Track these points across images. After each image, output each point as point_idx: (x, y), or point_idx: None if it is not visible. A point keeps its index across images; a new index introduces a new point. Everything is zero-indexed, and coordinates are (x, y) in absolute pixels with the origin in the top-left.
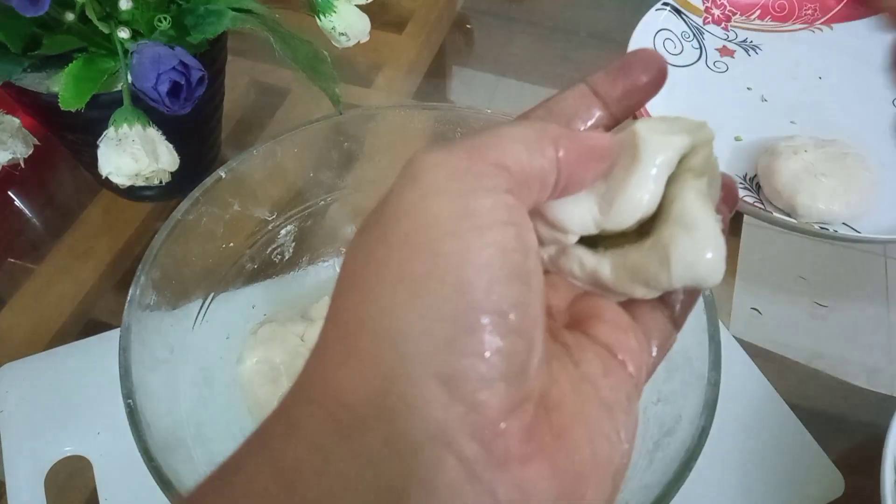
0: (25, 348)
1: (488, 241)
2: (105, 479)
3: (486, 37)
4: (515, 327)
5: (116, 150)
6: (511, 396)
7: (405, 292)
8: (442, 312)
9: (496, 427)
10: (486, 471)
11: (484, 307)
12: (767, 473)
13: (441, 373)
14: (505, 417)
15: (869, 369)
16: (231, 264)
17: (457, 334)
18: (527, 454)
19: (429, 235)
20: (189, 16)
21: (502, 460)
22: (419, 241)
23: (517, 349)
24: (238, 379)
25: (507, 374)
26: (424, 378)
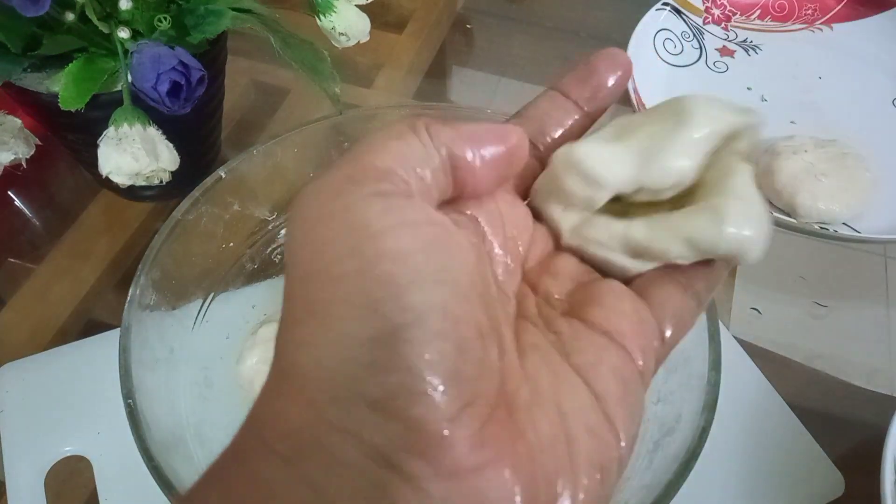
0: (25, 348)
1: (383, 249)
2: (105, 479)
3: (486, 37)
4: (437, 332)
5: (117, 149)
6: (449, 405)
7: (315, 323)
8: (356, 334)
9: (438, 439)
10: (435, 485)
11: (397, 319)
12: (767, 473)
13: (368, 395)
14: (446, 427)
15: (869, 369)
16: (231, 264)
17: (376, 353)
18: (480, 462)
19: (322, 261)
20: (189, 16)
21: (452, 471)
22: (314, 269)
23: (445, 354)
24: (238, 379)
25: (438, 384)
26: (351, 402)
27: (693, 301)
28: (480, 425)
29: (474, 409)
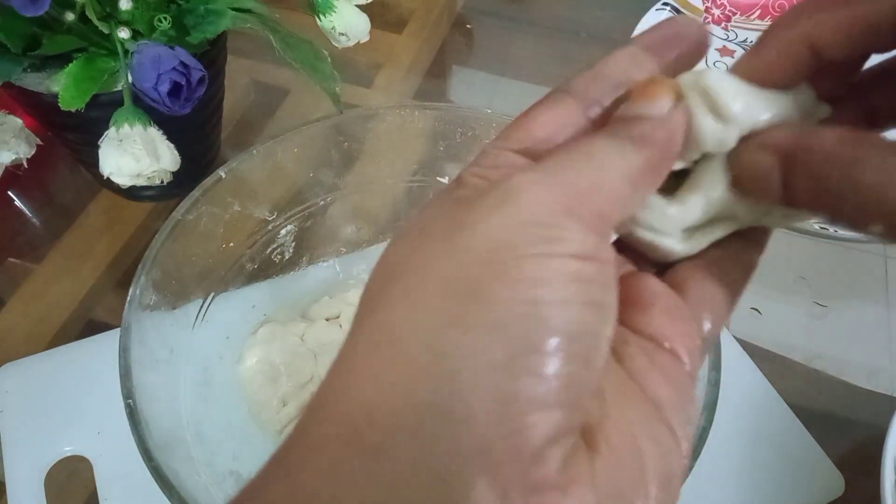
0: (25, 348)
1: (567, 269)
2: (105, 479)
3: (486, 37)
4: (582, 355)
5: (118, 150)
6: (560, 425)
7: (472, 307)
8: (508, 329)
9: (537, 453)
10: (519, 496)
11: (553, 328)
12: (767, 473)
13: (495, 388)
14: (548, 445)
15: (869, 369)
16: (231, 264)
17: (520, 353)
18: (564, 482)
19: (508, 255)
20: (189, 16)
21: (538, 488)
22: (497, 259)
23: (579, 378)
24: (238, 379)
25: (563, 402)
26: (474, 393)
27: (728, 293)
28: (571, 449)
29: (571, 435)
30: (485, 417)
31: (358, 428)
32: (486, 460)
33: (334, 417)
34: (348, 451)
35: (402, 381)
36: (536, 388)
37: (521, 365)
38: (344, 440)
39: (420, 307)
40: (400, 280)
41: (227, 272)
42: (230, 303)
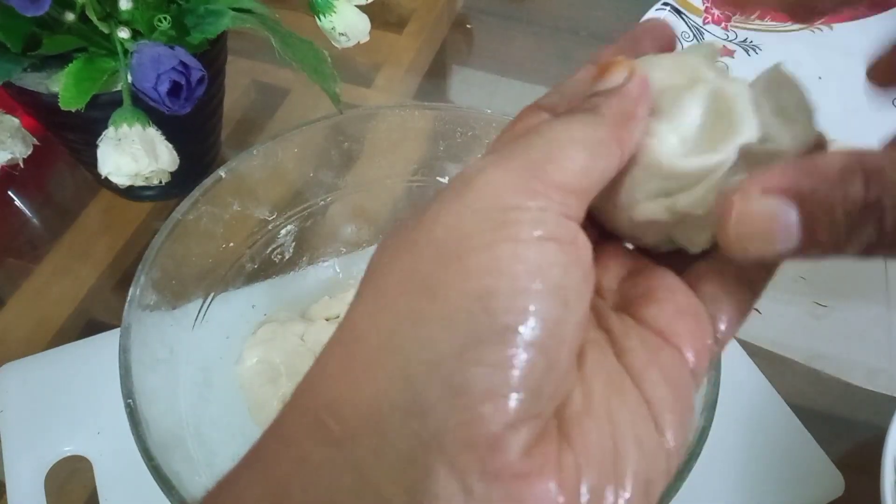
0: (25, 348)
1: (522, 255)
2: (105, 479)
3: (486, 37)
4: (538, 343)
5: (116, 149)
6: (518, 412)
7: (424, 300)
8: (458, 321)
9: (494, 440)
10: (479, 484)
11: (505, 318)
12: (767, 473)
13: (446, 379)
14: (505, 432)
15: (869, 369)
16: (231, 264)
17: (472, 343)
18: (527, 470)
19: (460, 246)
20: (189, 15)
21: (498, 475)
22: (448, 251)
23: (535, 366)
24: (238, 379)
25: (518, 391)
26: (426, 383)
27: (747, 293)
28: (537, 435)
29: (534, 422)
30: (439, 408)
31: (324, 421)
32: (442, 449)
33: (304, 413)
34: (315, 442)
35: (364, 377)
36: (487, 377)
37: (471, 356)
38: (311, 433)
39: (380, 304)
40: (370, 279)
41: (227, 272)
42: (230, 303)
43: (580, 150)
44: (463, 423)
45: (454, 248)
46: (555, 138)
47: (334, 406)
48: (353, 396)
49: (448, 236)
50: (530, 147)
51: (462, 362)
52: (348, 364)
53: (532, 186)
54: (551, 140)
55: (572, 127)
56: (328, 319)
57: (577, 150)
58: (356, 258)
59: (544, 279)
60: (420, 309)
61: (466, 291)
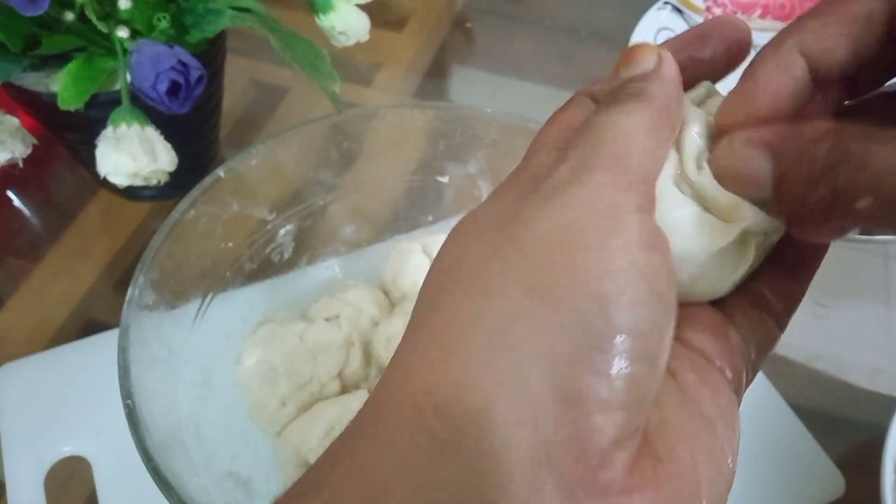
0: (25, 348)
1: (634, 261)
2: (105, 479)
3: (486, 36)
4: (647, 354)
5: (115, 149)
6: (625, 427)
7: (536, 298)
8: (573, 324)
9: (603, 455)
10: (585, 499)
11: (620, 326)
12: (767, 473)
13: (560, 387)
14: (614, 447)
15: (869, 369)
16: (230, 264)
17: (585, 350)
18: (629, 486)
19: (571, 246)
20: (188, 15)
21: (604, 491)
22: (559, 250)
23: (643, 377)
24: (237, 379)
25: (628, 403)
26: (540, 390)
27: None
28: (638, 451)
29: (636, 437)
30: (551, 417)
31: (426, 421)
32: (552, 461)
33: (400, 410)
34: (418, 444)
35: (473, 376)
36: (601, 388)
37: (586, 363)
38: (412, 432)
39: (485, 300)
40: (461, 276)
41: (226, 272)
42: (229, 303)
43: (647, 137)
44: (574, 435)
45: (565, 247)
46: (621, 128)
47: (439, 406)
48: (461, 396)
49: (556, 234)
50: (605, 140)
51: (577, 369)
52: (452, 361)
53: (623, 181)
54: (619, 131)
55: (632, 114)
56: (327, 319)
57: (644, 136)
58: (356, 258)
59: (654, 286)
60: (532, 308)
61: (583, 293)
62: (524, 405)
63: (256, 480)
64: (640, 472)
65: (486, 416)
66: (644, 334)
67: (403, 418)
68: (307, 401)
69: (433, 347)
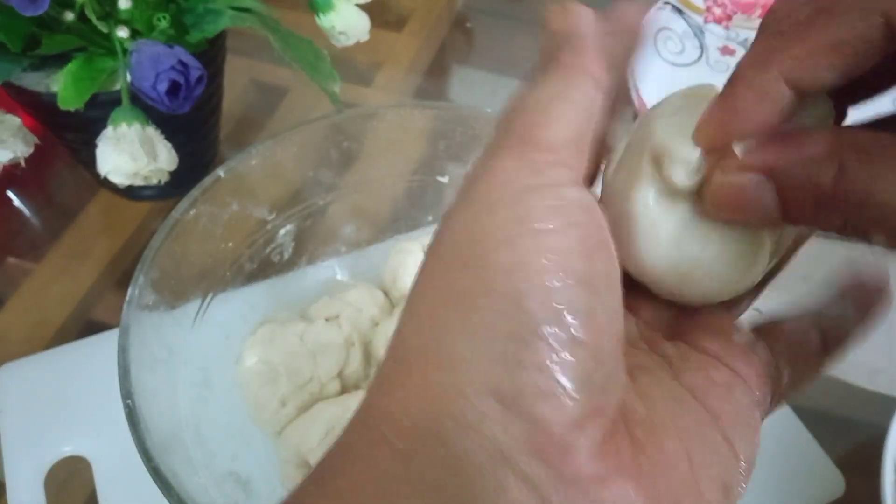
0: (25, 348)
1: (544, 245)
2: (104, 479)
3: (486, 36)
4: (577, 337)
5: (115, 149)
6: (576, 411)
7: (456, 311)
8: (494, 326)
9: (561, 444)
10: (554, 492)
11: (539, 317)
12: (767, 473)
13: (496, 389)
14: (570, 433)
15: (869, 369)
16: (230, 264)
17: (511, 347)
18: (602, 473)
19: (480, 248)
20: (188, 14)
21: (573, 480)
22: (469, 255)
23: (580, 360)
24: (237, 379)
25: (570, 388)
26: (478, 396)
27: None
28: (603, 436)
29: (599, 420)
30: (498, 419)
31: (386, 437)
32: (510, 461)
33: (367, 429)
34: (380, 458)
35: (420, 395)
36: (535, 379)
37: (514, 360)
38: (376, 448)
39: (424, 319)
40: (414, 292)
41: (226, 272)
42: (229, 303)
43: (558, 104)
44: (525, 431)
45: (477, 250)
46: (531, 104)
47: (394, 421)
48: (413, 412)
49: (469, 238)
50: (513, 122)
51: (507, 368)
52: (403, 381)
53: (533, 159)
54: (528, 107)
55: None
56: (327, 319)
57: (554, 104)
58: (356, 258)
59: (570, 270)
60: (459, 320)
61: (499, 294)
62: (468, 413)
63: (256, 480)
64: (614, 457)
65: (438, 428)
66: (567, 319)
67: (368, 437)
68: (307, 401)
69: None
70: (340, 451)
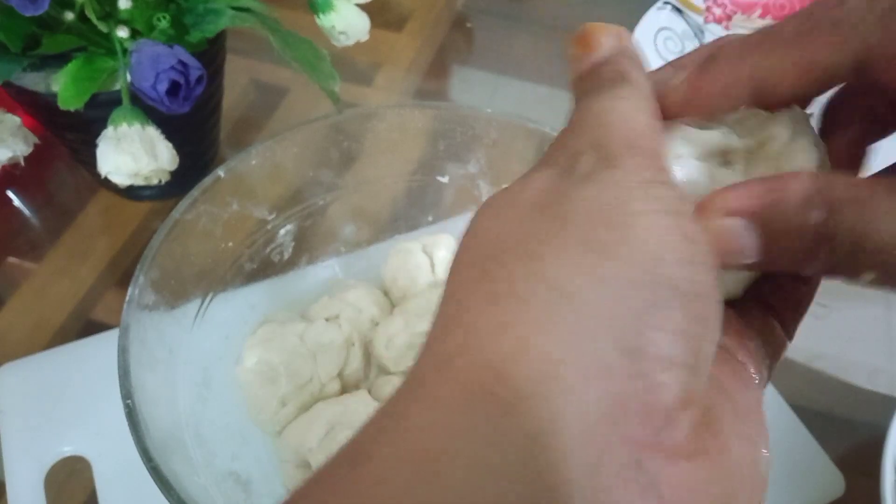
0: (25, 348)
1: (675, 225)
2: (104, 479)
3: (486, 36)
4: (701, 315)
5: (116, 149)
6: (688, 387)
7: (595, 257)
8: (633, 280)
9: (670, 414)
10: (652, 461)
11: (675, 284)
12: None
13: (625, 342)
14: (679, 407)
15: (869, 369)
16: (230, 264)
17: (646, 305)
18: (694, 451)
19: (620, 209)
20: (188, 14)
21: (670, 452)
22: (610, 212)
23: (699, 335)
24: (237, 379)
25: (688, 361)
26: (606, 346)
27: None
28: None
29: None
30: (619, 372)
31: (487, 386)
32: (620, 419)
33: (454, 374)
34: (478, 410)
35: (536, 336)
36: (663, 343)
37: (648, 318)
38: (471, 399)
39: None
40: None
41: (226, 272)
42: (229, 303)
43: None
44: (642, 390)
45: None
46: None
47: (497, 370)
48: (524, 358)
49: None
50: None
51: (640, 324)
52: (512, 323)
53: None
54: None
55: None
56: (327, 319)
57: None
58: (356, 258)
59: (695, 248)
60: (591, 266)
61: (643, 252)
62: (592, 362)
63: (256, 480)
64: (701, 440)
65: (552, 377)
66: (695, 295)
67: (459, 386)
68: (307, 401)
69: (488, 313)
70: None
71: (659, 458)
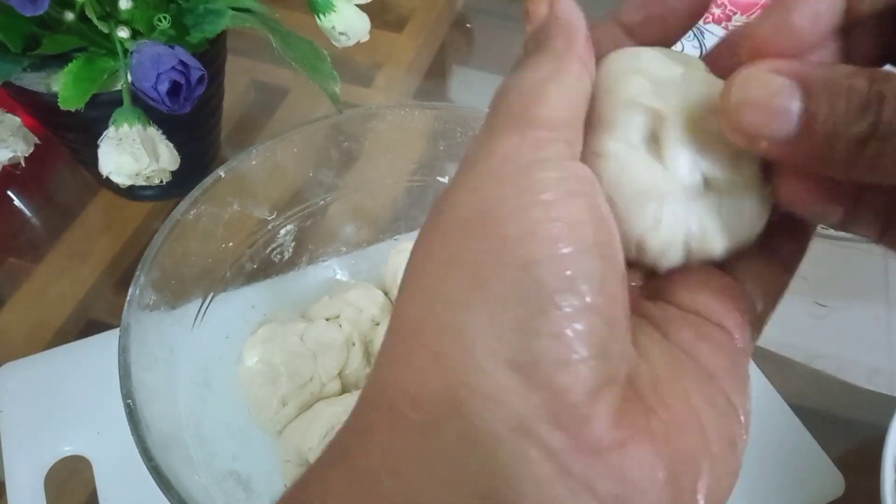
0: (25, 348)
1: (554, 215)
2: (105, 479)
3: (486, 36)
4: (591, 305)
5: (117, 149)
6: (592, 379)
7: (467, 280)
8: (508, 296)
9: (580, 413)
10: (576, 462)
11: (554, 285)
12: (767, 473)
13: (513, 359)
14: (589, 401)
15: (869, 369)
16: (230, 264)
17: (526, 316)
18: (620, 440)
19: (488, 218)
20: (188, 15)
21: (594, 449)
22: (475, 228)
23: (594, 327)
24: (238, 379)
25: (586, 356)
26: (495, 367)
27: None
28: (618, 403)
29: (613, 388)
30: (516, 389)
31: (403, 411)
32: (527, 430)
33: (378, 406)
34: (398, 433)
35: (433, 368)
36: (553, 348)
37: (531, 330)
38: (392, 424)
39: (430, 293)
40: (414, 268)
41: (227, 272)
42: (230, 303)
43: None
44: (545, 400)
45: (484, 222)
46: (527, 86)
47: (410, 395)
48: (428, 385)
49: (474, 211)
50: (511, 102)
51: (524, 338)
52: (413, 356)
53: (535, 136)
54: (525, 88)
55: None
56: (328, 319)
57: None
58: (356, 258)
59: (580, 238)
60: (469, 291)
61: (510, 264)
62: (485, 384)
63: (256, 480)
64: (630, 423)
65: (455, 399)
66: (580, 287)
67: (382, 414)
68: (307, 400)
69: (397, 347)
70: (355, 430)
71: (583, 457)
